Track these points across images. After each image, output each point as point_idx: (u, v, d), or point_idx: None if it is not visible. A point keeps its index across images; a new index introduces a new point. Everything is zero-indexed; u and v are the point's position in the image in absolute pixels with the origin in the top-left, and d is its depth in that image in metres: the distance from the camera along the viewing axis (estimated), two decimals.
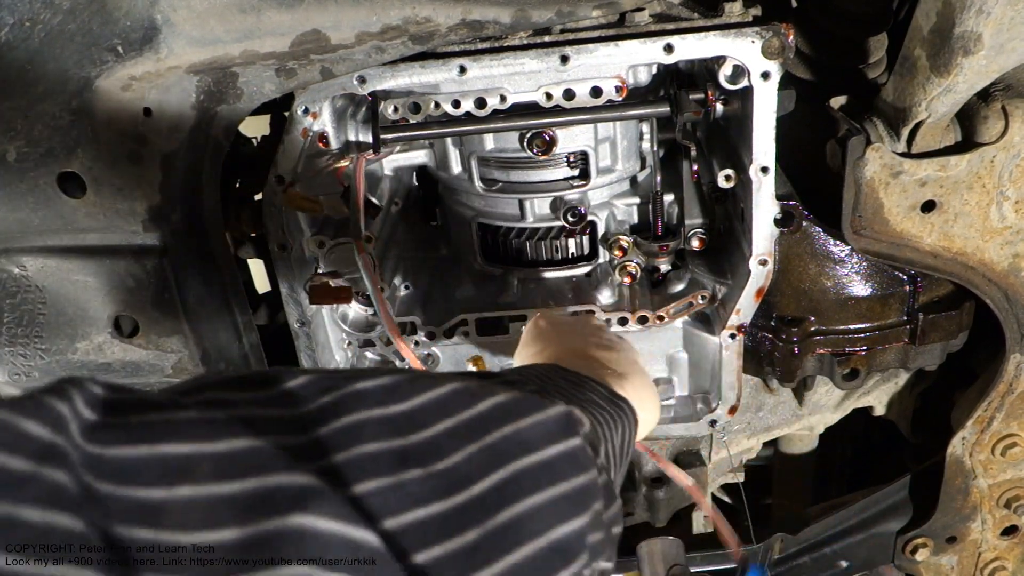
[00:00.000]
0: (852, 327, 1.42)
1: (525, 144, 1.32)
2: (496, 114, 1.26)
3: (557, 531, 0.56)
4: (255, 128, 1.47)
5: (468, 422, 0.58)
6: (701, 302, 1.43)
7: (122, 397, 0.50)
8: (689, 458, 1.62)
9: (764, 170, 1.23)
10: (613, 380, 0.90)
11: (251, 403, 0.54)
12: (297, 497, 0.46)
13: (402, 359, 1.50)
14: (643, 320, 1.42)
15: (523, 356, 1.12)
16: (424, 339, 1.47)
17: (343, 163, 1.34)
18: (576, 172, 1.40)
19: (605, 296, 1.44)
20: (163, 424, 0.48)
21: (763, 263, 1.32)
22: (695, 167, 1.37)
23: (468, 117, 1.27)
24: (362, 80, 1.20)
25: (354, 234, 1.28)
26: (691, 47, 1.15)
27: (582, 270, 1.50)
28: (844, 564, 1.72)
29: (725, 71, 1.19)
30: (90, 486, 0.42)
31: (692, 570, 1.57)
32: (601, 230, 1.47)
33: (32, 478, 0.41)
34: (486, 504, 0.54)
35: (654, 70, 1.33)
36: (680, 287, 1.46)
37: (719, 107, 1.26)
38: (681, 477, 1.27)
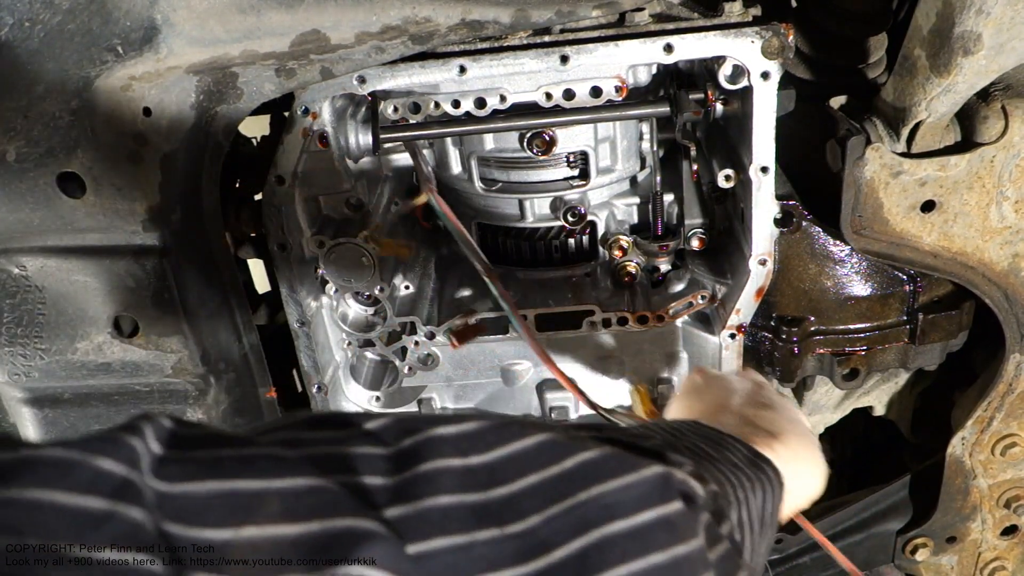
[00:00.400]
0: (852, 327, 1.42)
1: (525, 144, 1.32)
2: (496, 114, 1.26)
3: None
4: (255, 128, 1.47)
5: (552, 480, 0.53)
6: (701, 302, 1.43)
7: (191, 432, 0.49)
8: None
9: (764, 170, 1.23)
10: (761, 440, 0.82)
11: (326, 442, 0.52)
12: (362, 545, 0.44)
13: (402, 359, 1.51)
14: (643, 320, 1.42)
15: (674, 411, 1.05)
16: (424, 339, 1.47)
17: (420, 200, 1.35)
18: (576, 172, 1.40)
19: (605, 296, 1.44)
20: (230, 459, 0.47)
21: (763, 263, 1.32)
22: (695, 167, 1.37)
23: (468, 117, 1.27)
24: (362, 80, 1.20)
25: (484, 267, 1.26)
26: (691, 47, 1.15)
27: (582, 270, 1.50)
28: None
29: (725, 71, 1.19)
30: (161, 525, 0.42)
31: None
32: (601, 230, 1.47)
33: (110, 518, 0.40)
34: (565, 574, 0.49)
35: (654, 70, 1.33)
36: (680, 287, 1.46)
37: (719, 107, 1.26)
38: (840, 557, 1.24)
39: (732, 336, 1.40)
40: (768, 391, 1.02)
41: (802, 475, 0.85)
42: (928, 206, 1.24)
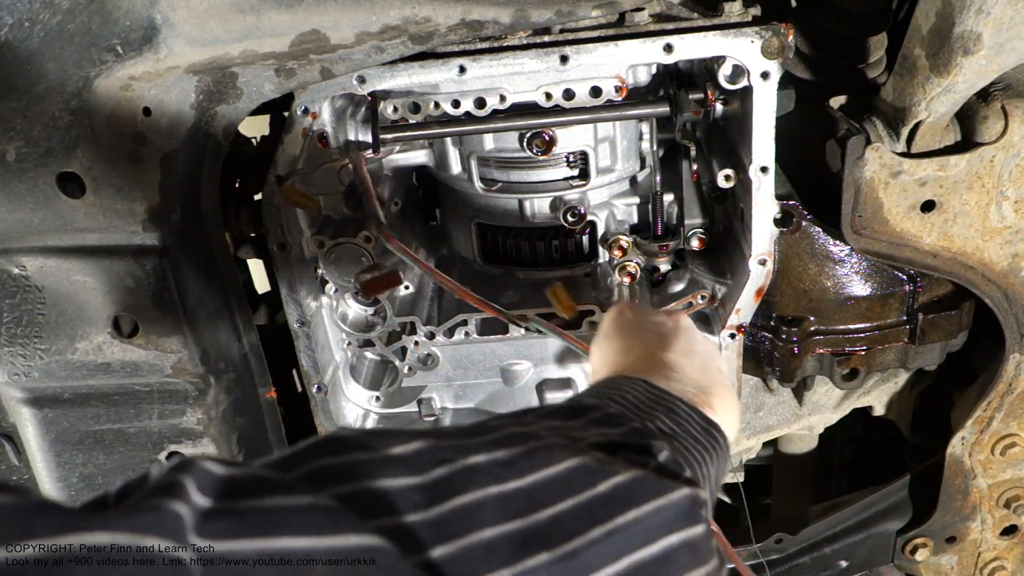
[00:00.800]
0: (852, 327, 1.42)
1: (525, 144, 1.31)
2: (496, 114, 1.26)
3: None
4: (255, 128, 1.47)
5: (590, 503, 0.55)
6: (701, 302, 1.43)
7: (235, 474, 0.48)
8: None
9: (764, 170, 1.23)
10: (702, 400, 0.88)
11: (359, 476, 0.52)
12: None
13: (402, 359, 1.51)
14: None
15: (604, 348, 1.07)
16: (424, 339, 1.47)
17: (343, 160, 1.34)
18: (576, 172, 1.40)
19: (605, 296, 1.44)
20: (275, 511, 0.46)
21: (763, 263, 1.32)
22: (695, 167, 1.37)
23: (468, 117, 1.27)
24: (362, 80, 1.20)
25: (376, 224, 1.29)
26: (691, 47, 1.15)
27: (582, 270, 1.50)
28: (844, 564, 1.72)
29: (725, 71, 1.19)
30: None
31: None
32: (601, 230, 1.47)
33: None
34: None
35: (654, 70, 1.33)
36: (680, 287, 1.46)
37: (719, 107, 1.26)
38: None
39: (732, 336, 1.40)
40: (694, 334, 1.06)
41: (731, 426, 0.92)
42: (928, 206, 1.24)
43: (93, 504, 0.46)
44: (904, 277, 1.40)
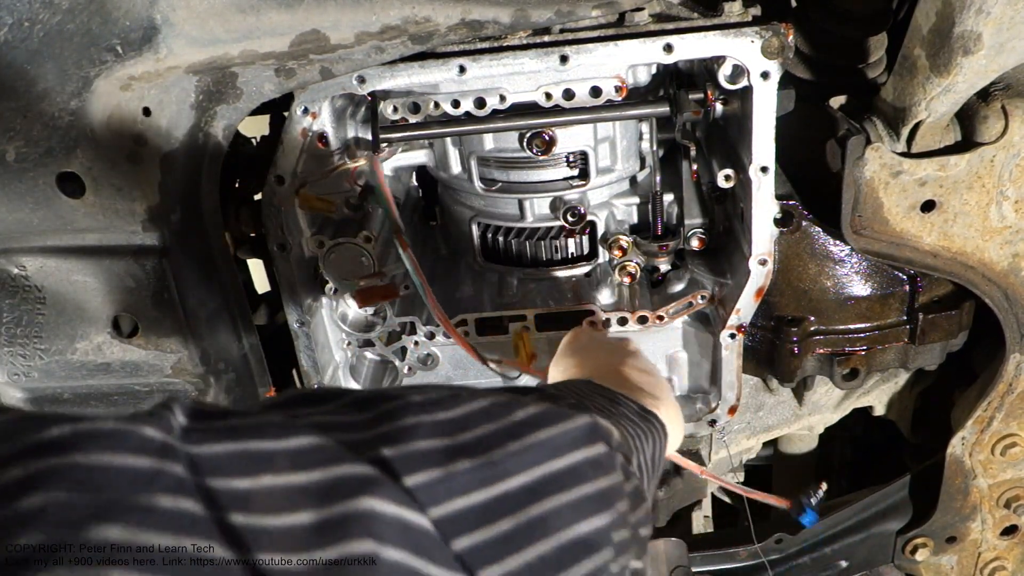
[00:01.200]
0: (852, 327, 1.42)
1: (525, 144, 1.31)
2: (496, 114, 1.26)
3: (581, 526, 0.63)
4: (255, 128, 1.47)
5: (507, 427, 0.65)
6: (701, 302, 1.43)
7: (208, 408, 0.58)
8: (689, 459, 1.62)
9: (764, 170, 1.23)
10: (645, 399, 0.96)
11: (320, 412, 0.63)
12: (362, 484, 0.54)
13: (402, 359, 1.51)
14: (643, 320, 1.42)
15: (561, 366, 1.17)
16: (424, 339, 1.47)
17: (358, 163, 1.35)
18: (576, 172, 1.40)
19: (605, 296, 1.44)
20: (243, 427, 0.55)
21: (763, 263, 1.32)
22: (695, 167, 1.37)
23: (468, 117, 1.27)
24: (361, 80, 1.20)
25: (394, 229, 1.32)
26: (691, 47, 1.15)
27: (582, 270, 1.50)
28: (844, 564, 1.72)
29: (725, 71, 1.19)
30: (195, 479, 0.50)
31: (694, 570, 1.57)
32: (601, 230, 1.47)
33: (159, 472, 0.48)
34: (519, 499, 0.61)
35: (653, 70, 1.33)
36: (680, 287, 1.46)
37: (719, 107, 1.26)
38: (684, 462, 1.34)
39: (732, 336, 1.40)
40: (644, 358, 1.16)
41: (675, 430, 1.01)
42: (928, 206, 1.23)
43: None
44: (904, 277, 1.40)
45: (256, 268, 1.63)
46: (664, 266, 1.48)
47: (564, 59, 1.17)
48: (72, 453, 0.47)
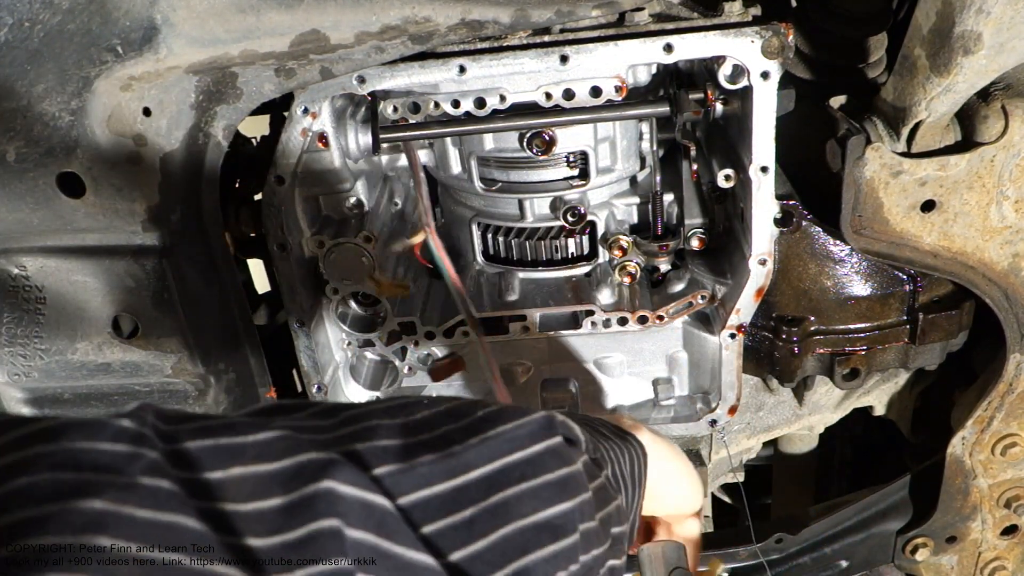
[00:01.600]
0: (852, 327, 1.42)
1: (525, 144, 1.31)
2: (496, 114, 1.26)
3: (544, 512, 0.66)
4: (255, 128, 1.47)
5: (467, 424, 0.68)
6: (701, 302, 1.43)
7: (177, 413, 0.61)
8: (689, 458, 1.62)
9: (764, 170, 1.23)
10: (623, 422, 0.97)
11: (292, 420, 0.67)
12: (325, 467, 0.57)
13: (400, 357, 1.51)
14: (643, 320, 1.42)
15: None
16: (424, 339, 1.47)
17: (416, 239, 1.37)
18: (576, 172, 1.40)
19: (605, 296, 1.44)
20: (212, 427, 0.59)
21: (763, 263, 1.32)
22: (695, 167, 1.37)
23: (468, 117, 1.27)
24: (361, 80, 1.20)
25: (471, 322, 1.37)
26: (691, 47, 1.15)
27: (582, 270, 1.50)
28: (844, 564, 1.72)
29: (725, 71, 1.19)
30: (169, 470, 0.53)
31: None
32: (601, 230, 1.47)
33: (136, 456, 0.52)
34: (481, 487, 0.64)
35: (654, 70, 1.33)
36: (680, 287, 1.46)
37: (719, 107, 1.26)
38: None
39: (732, 336, 1.40)
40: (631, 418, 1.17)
41: (660, 454, 0.98)
42: (928, 206, 1.23)
43: None
44: (904, 277, 1.40)
45: (256, 268, 1.63)
46: (664, 266, 1.48)
47: (564, 59, 1.17)
48: (58, 440, 0.51)
